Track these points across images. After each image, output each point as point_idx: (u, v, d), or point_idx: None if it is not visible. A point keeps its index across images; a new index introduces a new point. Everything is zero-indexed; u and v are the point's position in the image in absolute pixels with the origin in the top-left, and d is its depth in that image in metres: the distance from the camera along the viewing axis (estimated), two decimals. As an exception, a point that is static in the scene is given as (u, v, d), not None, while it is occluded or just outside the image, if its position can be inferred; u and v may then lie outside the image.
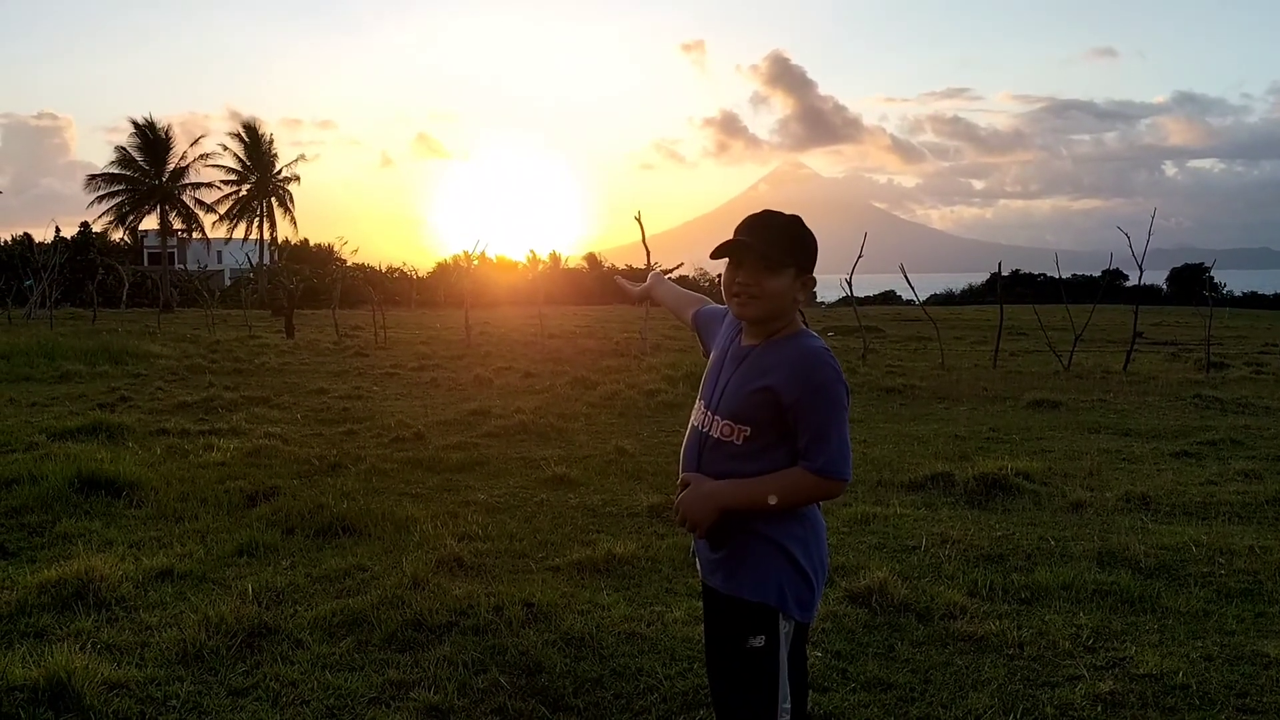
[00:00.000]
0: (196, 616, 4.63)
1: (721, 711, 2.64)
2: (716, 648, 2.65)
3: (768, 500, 2.46)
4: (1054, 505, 7.02)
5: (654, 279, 3.30)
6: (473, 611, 4.76)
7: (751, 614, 2.50)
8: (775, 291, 2.49)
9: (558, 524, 6.61)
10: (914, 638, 4.58)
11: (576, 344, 23.06)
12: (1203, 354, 18.29)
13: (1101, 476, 8.02)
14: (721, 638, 2.61)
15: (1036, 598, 5.10)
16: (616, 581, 5.37)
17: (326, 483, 7.68)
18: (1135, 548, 5.74)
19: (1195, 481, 7.75)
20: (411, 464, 8.59)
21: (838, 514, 6.70)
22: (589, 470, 8.31)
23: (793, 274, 2.51)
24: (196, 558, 5.72)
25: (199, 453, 8.92)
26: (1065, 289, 23.59)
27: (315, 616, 4.74)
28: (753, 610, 2.50)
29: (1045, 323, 20.00)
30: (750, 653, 2.50)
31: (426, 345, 23.34)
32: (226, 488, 7.43)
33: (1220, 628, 4.70)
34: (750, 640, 2.50)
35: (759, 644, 2.49)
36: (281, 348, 23.15)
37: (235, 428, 10.44)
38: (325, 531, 6.24)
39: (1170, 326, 30.23)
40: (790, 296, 2.51)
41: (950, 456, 8.85)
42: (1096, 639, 4.56)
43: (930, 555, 5.79)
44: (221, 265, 73.01)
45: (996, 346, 19.33)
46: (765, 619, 2.50)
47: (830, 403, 2.42)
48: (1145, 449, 9.32)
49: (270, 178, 63.39)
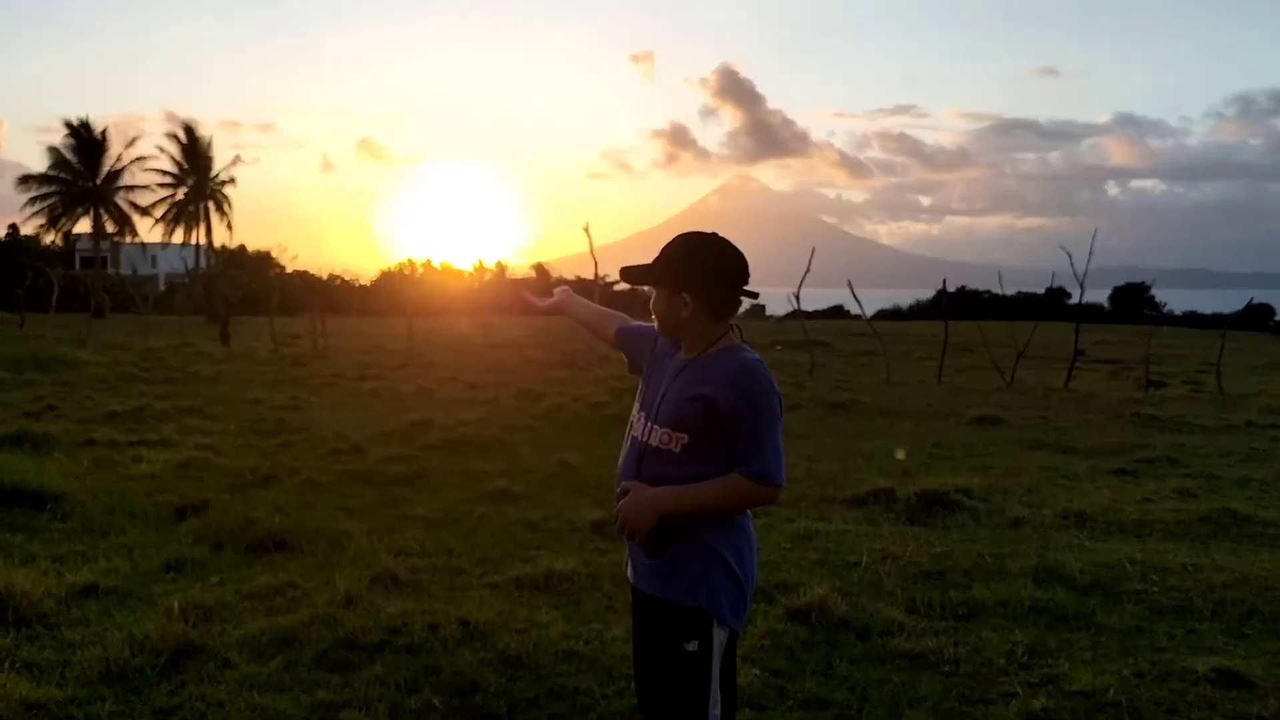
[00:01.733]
0: (121, 634, 4.50)
1: (651, 717, 2.69)
2: (649, 653, 2.71)
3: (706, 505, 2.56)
4: (993, 522, 7.08)
5: (564, 294, 3.26)
6: (407, 630, 4.66)
7: (687, 619, 2.59)
8: (659, 310, 2.70)
9: (498, 539, 6.53)
10: (852, 655, 4.58)
11: (523, 355, 22.93)
12: (1142, 372, 18.66)
13: (1040, 493, 8.11)
14: (655, 643, 2.68)
15: (974, 614, 5.12)
16: (556, 599, 5.30)
17: (259, 496, 7.52)
18: (1071, 565, 5.79)
19: (1131, 499, 7.87)
20: (349, 477, 8.45)
21: (780, 530, 6.70)
22: (531, 484, 8.23)
23: (665, 293, 2.66)
24: (122, 573, 5.57)
25: (127, 464, 8.70)
26: (1010, 306, 24.02)
27: (244, 635, 4.62)
28: (689, 615, 2.59)
29: (989, 339, 20.29)
30: (684, 657, 2.58)
31: (368, 354, 23.06)
32: (155, 501, 7.25)
33: (1152, 645, 4.75)
34: (685, 645, 2.58)
35: (693, 649, 2.58)
36: (216, 356, 22.74)
37: (166, 439, 10.19)
38: (256, 547, 6.11)
39: (1112, 344, 30.86)
40: (675, 314, 2.66)
41: (893, 472, 8.90)
42: (1031, 656, 4.59)
43: (870, 572, 5.80)
44: (156, 270, 71.54)
45: (941, 363, 19.56)
46: (700, 624, 2.59)
47: (764, 411, 2.55)
48: (1084, 466, 9.45)
49: (208, 181, 62.24)
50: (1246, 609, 5.18)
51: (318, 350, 24.00)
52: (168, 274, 68.31)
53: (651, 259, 2.75)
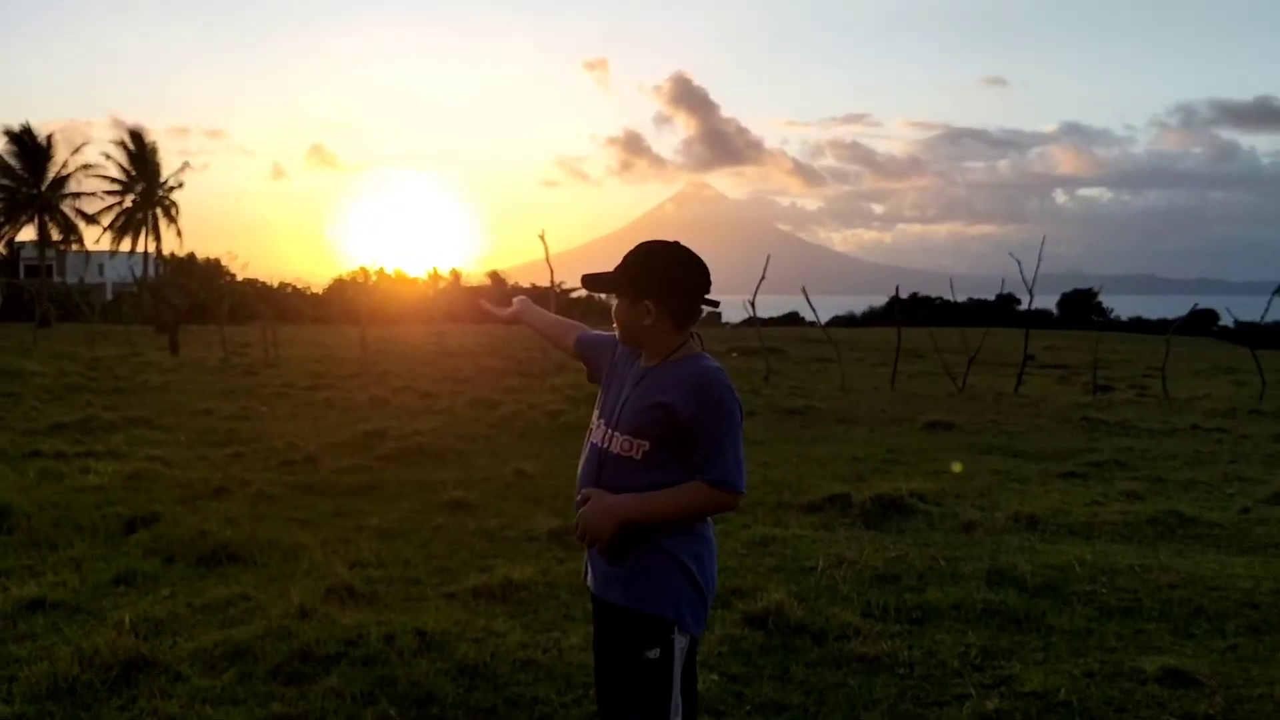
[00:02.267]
0: (69, 649, 4.41)
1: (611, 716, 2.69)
2: (610, 661, 2.71)
3: (667, 512, 2.57)
4: (946, 525, 7.17)
5: (522, 304, 3.26)
6: (363, 641, 4.62)
7: (649, 626, 2.60)
8: (622, 318, 2.72)
9: (454, 549, 6.49)
10: (809, 659, 4.61)
11: (478, 363, 22.80)
12: (1090, 377, 18.98)
13: (992, 497, 8.23)
14: (616, 650, 2.68)
15: (928, 617, 5.18)
16: (513, 608, 5.29)
17: (211, 508, 7.41)
18: (1022, 567, 5.88)
19: (1080, 502, 8.01)
20: (302, 488, 8.36)
21: (737, 536, 6.73)
22: (487, 493, 8.19)
23: (627, 302, 2.68)
24: (71, 587, 5.46)
25: (75, 476, 8.53)
26: (961, 312, 24.28)
27: (196, 648, 4.56)
28: (650, 623, 2.60)
29: (941, 345, 20.53)
30: (646, 664, 2.59)
31: (320, 364, 22.79)
32: (104, 513, 7.12)
33: (1101, 645, 4.84)
34: (646, 652, 2.59)
35: (654, 656, 2.59)
36: (165, 366, 22.37)
37: (114, 450, 10.01)
38: (208, 559, 6.03)
39: (1060, 349, 31.36)
40: (637, 322, 2.67)
41: (848, 478, 8.98)
42: (984, 658, 4.66)
43: (827, 576, 5.85)
44: (103, 279, 70.24)
45: (894, 369, 19.76)
46: (661, 631, 2.60)
47: (725, 419, 2.57)
48: (1034, 470, 9.61)
49: (156, 188, 61.24)
50: (1193, 609, 5.30)
51: (269, 359, 23.70)
52: (115, 282, 67.09)
53: (608, 266, 2.75)
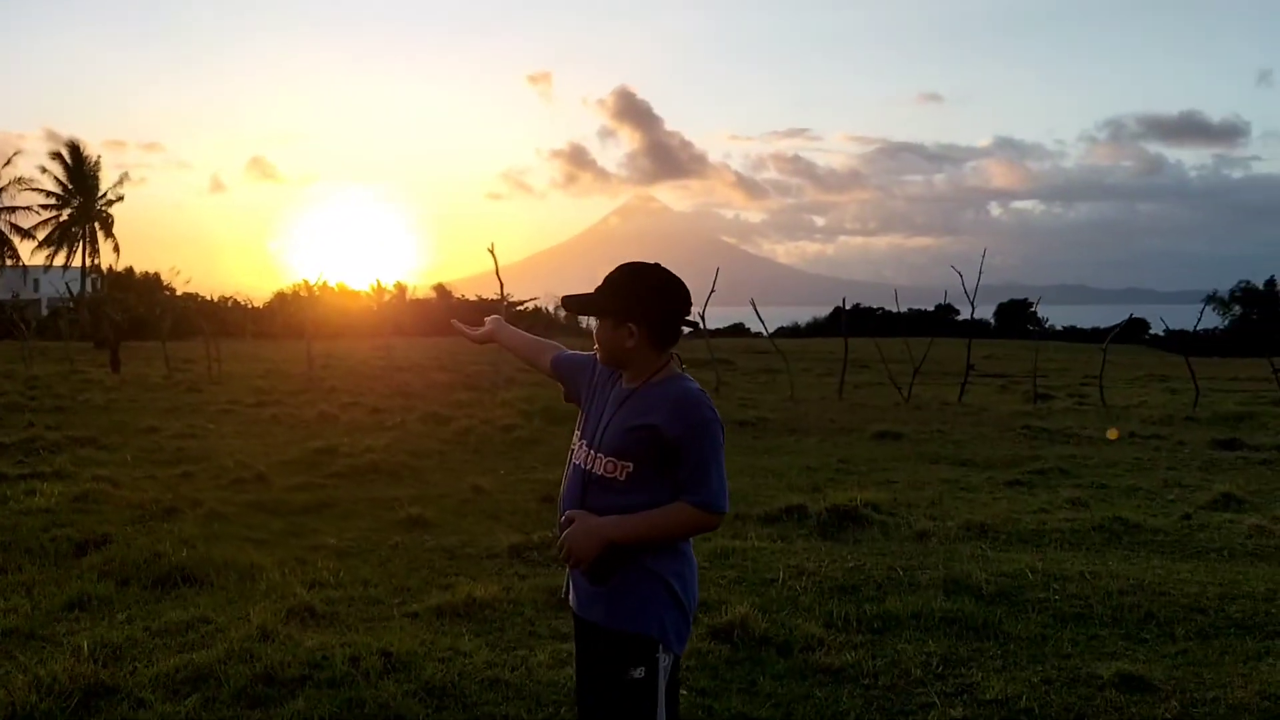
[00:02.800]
0: (25, 677, 4.31)
1: None
2: (594, 682, 2.71)
3: (651, 533, 2.59)
4: (901, 535, 7.29)
5: (496, 323, 3.22)
6: (327, 663, 4.58)
7: (633, 646, 2.61)
8: (604, 340, 2.73)
9: (414, 568, 6.46)
10: (775, 671, 4.66)
11: (427, 377, 22.61)
12: (1030, 386, 19.38)
13: (943, 506, 8.38)
14: (601, 671, 2.68)
15: (888, 627, 5.27)
16: (478, 626, 5.27)
17: (163, 529, 7.28)
18: (977, 575, 6.00)
19: (1028, 510, 8.18)
20: (254, 507, 8.24)
21: (698, 548, 6.68)
22: (445, 510, 8.15)
23: (610, 324, 2.69)
24: (23, 613, 5.34)
25: (20, 498, 8.30)
26: (903, 323, 24.62)
27: (157, 673, 4.48)
28: (635, 642, 2.61)
29: (885, 355, 20.83)
30: (631, 684, 2.60)
31: (265, 379, 22.44)
32: (53, 535, 6.95)
33: (1057, 651, 4.95)
34: (631, 672, 2.60)
35: (639, 675, 2.60)
36: (107, 383, 21.86)
37: (60, 470, 9.76)
38: (164, 582, 5.93)
39: (999, 359, 31.91)
40: (620, 344, 2.69)
41: (803, 488, 9.08)
42: (945, 666, 4.75)
43: (788, 588, 5.91)
44: (38, 294, 68.48)
45: (842, 379, 20.00)
46: (646, 651, 2.61)
47: (709, 440, 2.60)
48: (981, 478, 9.79)
49: (94, 202, 59.96)
50: (1143, 614, 5.44)
51: (213, 376, 23.29)
52: (50, 298, 65.43)
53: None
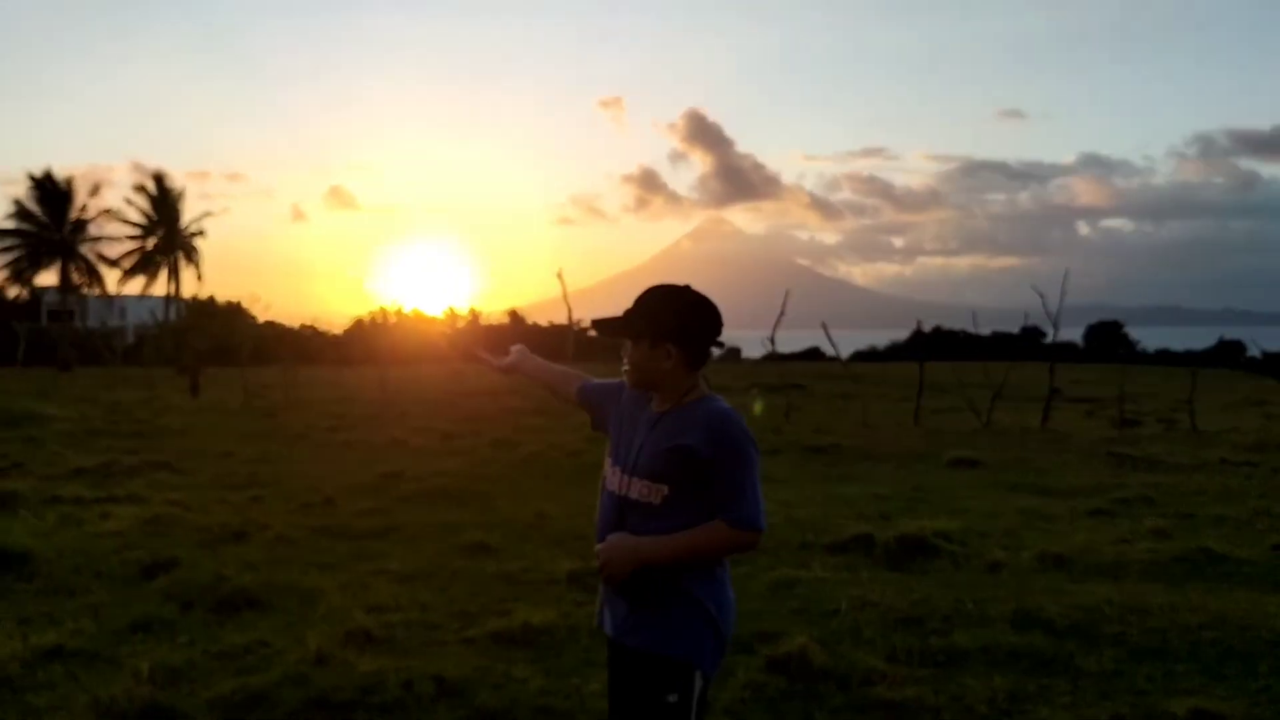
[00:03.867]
0: (86, 698, 4.39)
1: None
2: (628, 706, 2.70)
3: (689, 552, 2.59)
4: (972, 566, 7.06)
5: (520, 353, 3.24)
6: (380, 688, 4.58)
7: (670, 670, 2.60)
8: (637, 362, 2.73)
9: (474, 593, 6.44)
10: (833, 705, 4.53)
11: (499, 402, 22.79)
12: (1117, 411, 18.78)
13: (1018, 536, 8.11)
14: (635, 696, 2.66)
15: (954, 661, 5.09)
16: (533, 653, 5.22)
17: (229, 552, 7.39)
18: (1050, 608, 5.78)
19: (1108, 540, 7.88)
20: (320, 531, 8.32)
21: (760, 578, 6.65)
22: (508, 536, 8.14)
23: (646, 345, 2.68)
24: (89, 634, 5.43)
25: (94, 521, 8.52)
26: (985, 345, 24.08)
27: (213, 696, 4.52)
28: (671, 667, 2.60)
29: (965, 380, 20.40)
30: (666, 708, 2.59)
31: (340, 405, 22.85)
32: (123, 558, 7.10)
33: (1131, 687, 4.74)
34: (667, 697, 2.59)
35: (674, 700, 2.59)
36: (186, 408, 22.48)
37: (134, 494, 10.01)
38: (226, 605, 5.98)
39: (1087, 383, 31.11)
40: (656, 365, 2.69)
41: (872, 517, 8.88)
42: (1011, 702, 4.57)
43: (850, 619, 5.76)
44: (125, 322, 70.83)
45: (918, 404, 19.62)
46: (682, 675, 2.60)
47: (743, 458, 2.60)
48: (1060, 507, 9.47)
49: (177, 231, 61.93)
50: (1224, 649, 5.19)
51: (289, 401, 23.80)
52: (136, 325, 67.63)
53: (627, 304, 2.74)
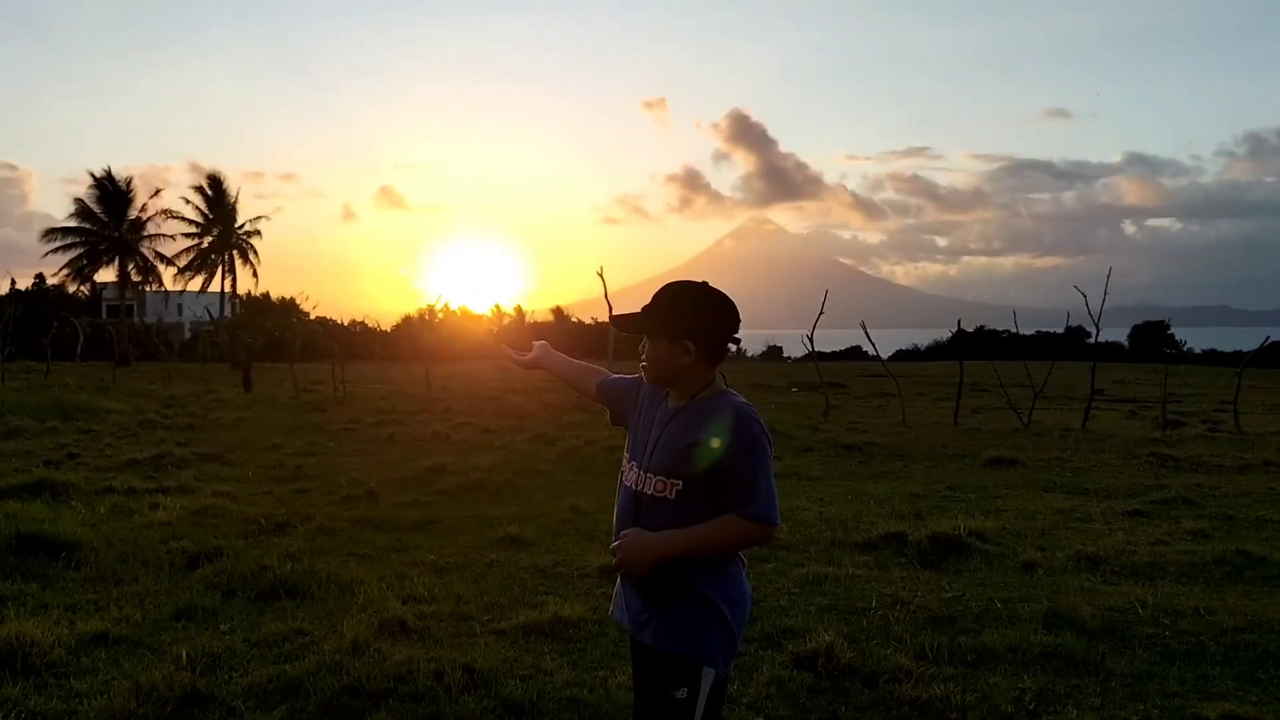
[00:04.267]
0: (127, 684, 4.51)
1: None
2: (644, 700, 2.77)
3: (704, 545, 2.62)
4: (1005, 565, 7.03)
5: (542, 349, 3.30)
6: (412, 677, 4.67)
7: (679, 667, 2.65)
8: (655, 358, 2.75)
9: (506, 585, 6.53)
10: (858, 702, 4.55)
11: (540, 399, 22.95)
12: (1160, 412, 18.50)
13: (1053, 536, 8.05)
14: (649, 690, 2.73)
15: (983, 660, 5.08)
16: (562, 645, 5.30)
17: (272, 543, 7.55)
18: (1082, 609, 5.75)
19: (1145, 541, 7.80)
20: (361, 523, 8.47)
21: (789, 575, 6.68)
22: (542, 530, 8.23)
23: (665, 341, 2.71)
24: (133, 622, 5.58)
25: (144, 512, 8.73)
26: (1029, 345, 23.80)
27: (250, 683, 4.63)
28: (680, 664, 2.65)
29: (1007, 379, 20.19)
30: (674, 704, 2.64)
31: (386, 400, 23.14)
32: (169, 548, 7.28)
33: (1162, 690, 4.70)
34: (675, 692, 2.64)
35: (682, 696, 2.64)
36: (238, 403, 22.89)
37: (184, 485, 10.25)
38: (267, 594, 6.12)
39: (1131, 384, 30.65)
40: (673, 362, 2.72)
41: (905, 515, 8.86)
42: (1039, 702, 4.55)
43: (879, 617, 5.77)
44: (182, 318, 72.14)
45: (957, 403, 19.47)
46: (690, 672, 2.64)
47: (757, 454, 2.62)
48: (1098, 508, 9.38)
49: (232, 230, 63.09)
50: (1259, 653, 5.13)
51: (338, 396, 24.14)
52: (193, 321, 68.83)
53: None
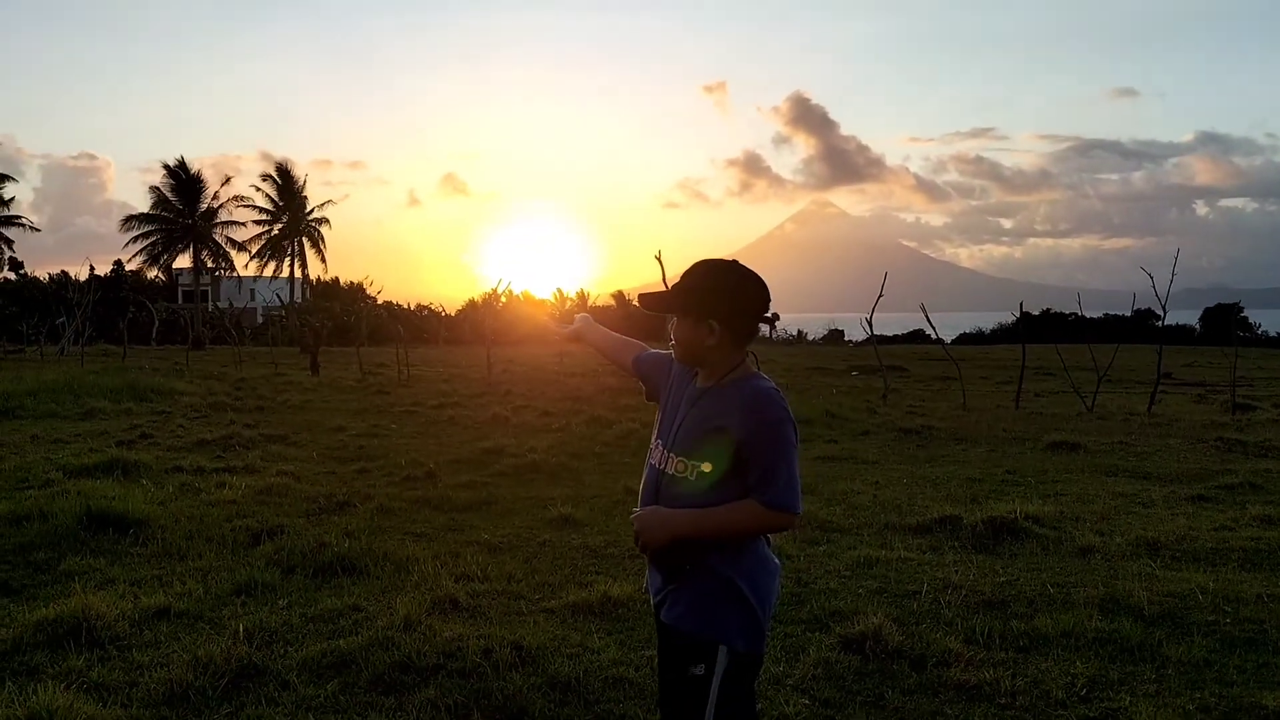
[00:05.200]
0: (187, 656, 4.64)
1: None
2: (664, 674, 2.79)
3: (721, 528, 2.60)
4: (1062, 550, 6.91)
5: (584, 322, 3.33)
6: (461, 654, 4.75)
7: (694, 644, 2.65)
8: (684, 338, 2.72)
9: (557, 565, 6.60)
10: (905, 686, 4.52)
11: (598, 382, 23.08)
12: (1229, 395, 18.01)
13: (1113, 521, 7.89)
14: (668, 666, 2.75)
15: (1035, 645, 5.01)
16: (610, 624, 5.34)
17: (332, 521, 7.71)
18: (1139, 595, 5.64)
19: (1208, 527, 7.61)
20: (420, 503, 8.61)
21: (841, 557, 6.65)
22: (595, 511, 8.29)
23: (691, 321, 2.68)
24: (195, 596, 5.74)
25: (211, 490, 8.97)
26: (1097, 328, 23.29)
27: (305, 657, 4.74)
28: (696, 640, 2.65)
29: (1071, 363, 19.80)
30: (691, 680, 2.64)
31: (449, 383, 23.45)
32: (233, 526, 7.48)
33: (1221, 678, 4.59)
34: (693, 669, 2.64)
35: (699, 672, 2.63)
36: (305, 385, 23.35)
37: (250, 465, 10.51)
38: (325, 571, 6.25)
39: (1201, 367, 29.86)
40: (700, 342, 2.68)
41: (961, 499, 8.76)
42: (1091, 689, 4.48)
43: (930, 600, 5.72)
44: (254, 303, 73.73)
45: (1019, 387, 19.14)
46: (706, 649, 2.64)
47: (780, 440, 2.58)
48: (1161, 493, 9.17)
49: (302, 217, 64.32)
50: (1324, 642, 4.99)
51: (402, 379, 24.51)
52: (265, 306, 70.42)
53: None
